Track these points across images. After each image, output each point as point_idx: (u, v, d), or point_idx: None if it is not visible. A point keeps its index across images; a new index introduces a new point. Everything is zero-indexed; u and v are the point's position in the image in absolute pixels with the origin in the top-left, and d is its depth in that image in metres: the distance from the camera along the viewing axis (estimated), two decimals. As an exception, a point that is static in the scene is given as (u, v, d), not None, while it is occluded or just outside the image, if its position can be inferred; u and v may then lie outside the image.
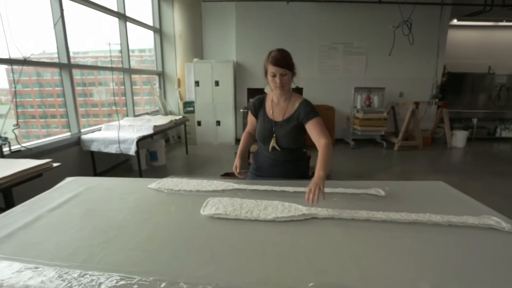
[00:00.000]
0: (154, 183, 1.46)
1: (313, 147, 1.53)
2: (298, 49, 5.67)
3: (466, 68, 6.31)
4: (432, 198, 1.36)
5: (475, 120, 6.17)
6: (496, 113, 6.24)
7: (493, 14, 5.46)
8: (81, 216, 1.15)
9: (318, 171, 1.24)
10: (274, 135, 1.53)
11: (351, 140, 5.62)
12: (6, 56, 2.61)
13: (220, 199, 1.23)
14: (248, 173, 1.73)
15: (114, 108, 3.92)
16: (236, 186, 1.42)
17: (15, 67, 2.86)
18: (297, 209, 1.14)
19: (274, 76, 1.43)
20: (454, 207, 1.25)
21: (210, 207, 1.15)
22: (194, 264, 0.84)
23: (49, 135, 3.60)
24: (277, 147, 1.54)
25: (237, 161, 1.59)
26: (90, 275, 0.77)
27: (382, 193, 1.37)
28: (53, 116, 4.30)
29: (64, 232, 1.03)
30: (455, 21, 5.98)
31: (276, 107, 1.56)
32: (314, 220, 1.11)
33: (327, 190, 1.38)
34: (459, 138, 5.60)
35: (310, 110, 1.48)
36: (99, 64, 4.74)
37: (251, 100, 1.67)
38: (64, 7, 3.26)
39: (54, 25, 3.20)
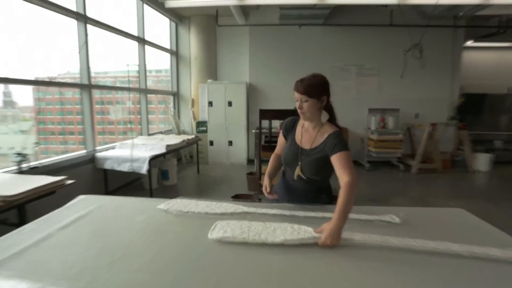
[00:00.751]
0: (163, 204, 1.47)
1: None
2: (310, 71, 5.69)
3: (484, 89, 6.19)
4: (451, 227, 1.31)
5: (497, 142, 5.95)
6: (519, 136, 6.02)
7: (509, 35, 5.41)
8: (90, 235, 1.16)
9: (336, 220, 1.12)
10: (299, 163, 1.48)
11: (366, 162, 5.52)
12: (33, 77, 2.78)
13: (228, 222, 1.22)
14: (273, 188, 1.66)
15: (133, 126, 4.05)
16: (246, 209, 1.41)
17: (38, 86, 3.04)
18: (307, 232, 1.13)
19: (297, 100, 1.41)
20: (475, 237, 1.19)
21: (218, 231, 1.14)
22: (198, 289, 0.83)
23: (66, 151, 3.72)
24: (302, 175, 1.47)
25: (266, 181, 1.53)
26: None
27: (397, 220, 1.33)
28: (71, 133, 4.47)
29: (72, 251, 1.04)
30: (470, 42, 5.96)
31: (305, 133, 1.50)
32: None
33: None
34: (482, 161, 5.39)
35: (337, 142, 1.37)
36: (118, 84, 4.97)
37: (285, 120, 1.62)
38: (88, 33, 3.49)
39: (79, 50, 3.41)
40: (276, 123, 3.74)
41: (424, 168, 5.23)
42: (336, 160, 1.34)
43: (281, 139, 1.63)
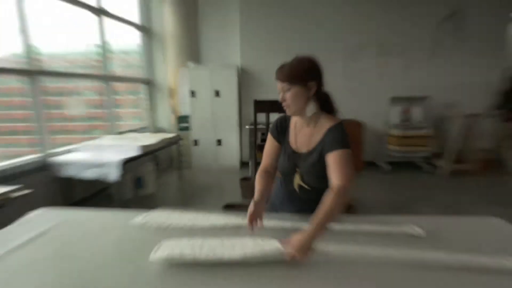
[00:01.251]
0: (140, 217, 1.53)
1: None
2: (318, 51, 5.74)
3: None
4: (481, 238, 1.38)
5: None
6: None
7: None
8: (49, 258, 1.22)
9: (309, 229, 1.13)
10: (298, 170, 1.49)
11: (384, 163, 5.62)
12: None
13: (177, 241, 1.24)
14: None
15: (98, 123, 4.07)
16: (240, 221, 1.47)
17: None
18: (272, 245, 1.16)
19: (279, 92, 1.41)
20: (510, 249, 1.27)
21: (163, 250, 1.15)
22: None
23: (5, 156, 3.71)
24: (304, 185, 1.48)
25: (250, 208, 1.37)
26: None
27: (419, 231, 1.39)
28: (14, 133, 4.44)
29: (26, 279, 1.08)
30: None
31: (300, 133, 1.50)
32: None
33: (348, 227, 1.43)
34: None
35: (337, 138, 1.38)
36: (78, 70, 4.94)
37: (275, 120, 1.59)
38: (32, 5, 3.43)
39: (21, 27, 3.38)
40: (274, 116, 3.80)
41: (459, 170, 5.34)
42: (332, 158, 1.34)
43: (270, 146, 1.58)
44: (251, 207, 1.36)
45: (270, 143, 1.58)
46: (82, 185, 3.94)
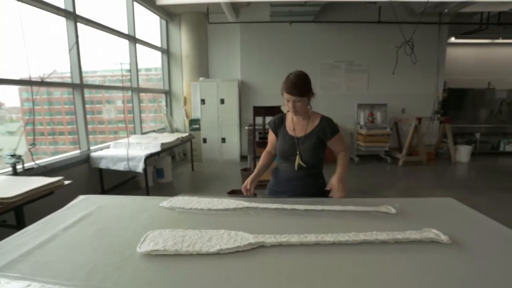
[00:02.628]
0: (166, 202, 1.46)
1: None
2: (301, 67, 5.72)
3: (466, 83, 6.38)
4: (443, 215, 1.35)
5: (478, 135, 6.16)
6: (498, 128, 6.24)
7: (489, 32, 5.57)
8: (95, 235, 1.15)
9: (341, 173, 1.50)
10: (298, 152, 1.55)
11: (355, 156, 5.61)
12: (25, 77, 2.70)
13: (161, 232, 1.11)
14: (266, 190, 1.74)
15: (122, 125, 3.98)
16: (247, 204, 1.42)
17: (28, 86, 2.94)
18: (244, 238, 1.05)
19: (288, 101, 1.50)
20: (465, 223, 1.25)
21: (148, 243, 1.03)
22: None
23: (56, 152, 3.64)
24: (302, 163, 1.55)
25: (255, 178, 1.61)
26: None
27: (393, 210, 1.36)
28: (61, 133, 4.36)
29: (79, 251, 1.03)
30: (453, 39, 6.10)
31: (298, 124, 1.61)
32: (262, 248, 1.02)
33: (337, 208, 1.39)
34: (463, 153, 5.57)
35: (332, 126, 1.57)
36: (107, 83, 4.86)
37: (272, 118, 1.71)
38: (79, 33, 3.39)
39: (70, 50, 3.31)
40: (268, 120, 3.74)
41: (410, 161, 5.36)
42: (335, 142, 1.58)
43: (271, 137, 1.70)
44: (251, 178, 1.60)
45: (271, 135, 1.70)
46: (113, 176, 3.84)
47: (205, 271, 0.90)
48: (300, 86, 1.46)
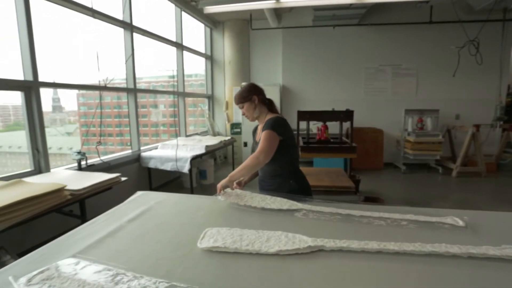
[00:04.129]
0: (220, 195, 1.55)
1: (360, 169, 1.53)
2: (344, 72, 5.64)
3: (535, 88, 5.70)
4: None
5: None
6: None
7: None
8: (157, 229, 1.21)
9: (228, 178, 1.54)
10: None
11: (401, 164, 5.28)
12: (89, 83, 2.99)
13: (218, 230, 1.13)
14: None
15: (171, 128, 4.21)
16: (300, 206, 1.40)
17: (77, 91, 3.23)
18: (302, 241, 1.03)
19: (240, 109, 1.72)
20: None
21: (208, 239, 1.06)
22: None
23: (105, 153, 3.94)
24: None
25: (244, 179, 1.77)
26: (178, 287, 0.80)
27: (461, 223, 1.24)
28: (110, 135, 4.73)
29: (144, 242, 1.09)
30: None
31: (259, 129, 1.74)
32: (321, 252, 1.00)
33: (396, 216, 1.31)
34: (531, 165, 4.95)
35: (267, 124, 1.59)
36: (151, 88, 5.18)
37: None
38: (134, 42, 3.68)
39: (127, 59, 3.60)
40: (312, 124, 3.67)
41: (466, 172, 4.89)
42: (262, 137, 1.58)
43: (253, 143, 1.83)
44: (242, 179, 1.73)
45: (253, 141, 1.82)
46: (159, 175, 4.05)
47: (266, 270, 0.90)
48: (237, 94, 1.68)
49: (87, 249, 1.03)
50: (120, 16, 3.49)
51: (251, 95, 1.67)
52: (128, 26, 3.62)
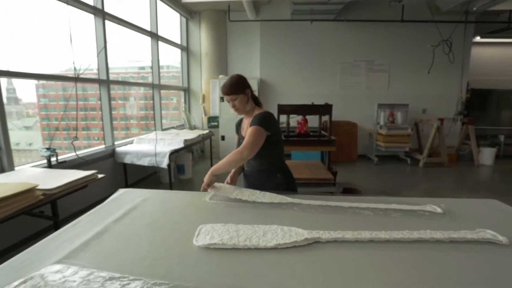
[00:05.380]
0: (210, 189, 1.50)
1: (335, 162, 1.57)
2: (321, 66, 5.75)
3: (490, 84, 6.20)
4: (490, 216, 1.31)
5: (502, 137, 5.97)
6: (523, 130, 6.04)
7: (516, 31, 5.39)
8: (148, 228, 1.16)
9: (210, 171, 1.50)
10: None
11: (374, 156, 5.53)
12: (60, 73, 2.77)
13: (213, 226, 1.12)
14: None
15: (142, 122, 4.04)
16: (290, 200, 1.42)
17: (36, 81, 2.99)
18: (298, 234, 1.05)
19: (228, 102, 1.61)
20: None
21: (204, 236, 1.04)
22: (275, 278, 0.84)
23: (78, 148, 3.70)
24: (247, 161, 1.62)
25: (234, 176, 1.73)
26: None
27: (439, 210, 1.33)
28: (75, 129, 4.45)
29: (136, 243, 1.04)
30: (478, 38, 5.93)
31: (244, 124, 1.71)
32: (318, 244, 1.03)
33: (381, 206, 1.37)
34: (487, 155, 5.41)
35: (255, 119, 1.57)
36: (121, 79, 4.93)
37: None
38: (106, 31, 3.45)
39: (98, 53, 3.38)
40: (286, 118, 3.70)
41: (431, 162, 5.25)
42: (248, 131, 1.56)
43: (236, 138, 1.79)
44: (231, 175, 1.71)
45: (236, 137, 1.79)
46: (135, 170, 3.90)
47: (266, 265, 0.90)
48: (230, 85, 1.57)
49: (73, 253, 0.97)
50: (90, 1, 3.26)
51: (245, 88, 1.61)
52: (100, 13, 3.39)
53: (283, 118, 3.36)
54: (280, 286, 0.80)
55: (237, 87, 1.57)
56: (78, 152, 3.19)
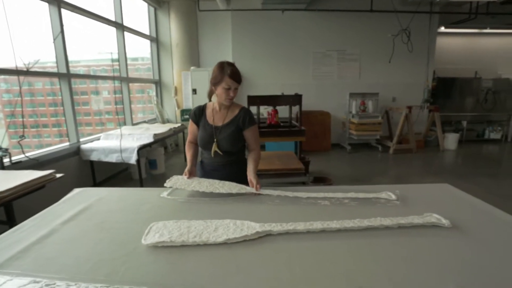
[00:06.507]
0: (166, 181, 1.48)
1: (310, 151, 1.59)
2: (293, 56, 5.75)
3: (454, 73, 6.51)
4: (441, 200, 1.38)
5: (464, 123, 6.31)
6: (484, 116, 6.40)
7: (478, 22, 5.63)
8: (96, 228, 1.11)
9: (254, 168, 1.52)
10: (215, 140, 1.57)
11: (347, 144, 5.67)
12: (9, 67, 2.57)
13: (165, 223, 1.08)
14: None
15: (111, 116, 3.88)
16: (249, 189, 1.41)
17: (8, 77, 2.80)
18: (250, 227, 1.04)
19: (229, 89, 1.50)
20: (461, 207, 1.29)
21: (153, 234, 1.00)
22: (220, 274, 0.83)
23: (41, 145, 3.51)
24: (218, 151, 1.57)
25: (192, 169, 1.59)
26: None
27: (393, 197, 1.38)
28: (45, 126, 4.22)
29: (81, 245, 0.99)
30: (442, 29, 6.15)
31: (217, 114, 1.62)
32: (269, 237, 1.02)
33: (339, 195, 1.40)
34: (451, 140, 5.70)
35: (250, 117, 1.59)
36: (92, 73, 4.68)
37: (191, 109, 1.71)
38: (63, 20, 3.23)
39: (55, 38, 3.16)
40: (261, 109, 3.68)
41: (401, 149, 5.46)
42: (250, 133, 1.59)
43: (192, 127, 1.69)
44: (189, 169, 1.56)
45: (192, 125, 1.68)
46: (104, 168, 3.75)
47: (214, 261, 0.89)
48: (238, 72, 1.52)
49: (8, 261, 0.90)
50: (42, -11, 3.02)
51: None
52: (54, 1, 3.16)
53: (253, 109, 3.33)
54: (224, 282, 0.80)
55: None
56: (39, 151, 3.01)
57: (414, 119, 5.62)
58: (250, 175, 1.49)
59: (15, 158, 2.55)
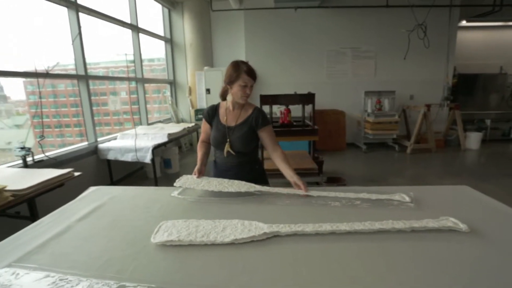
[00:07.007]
0: (176, 181, 1.48)
1: (325, 151, 1.56)
2: (307, 54, 5.69)
3: (477, 69, 6.21)
4: (459, 203, 1.32)
5: (488, 121, 6.02)
6: (509, 114, 6.08)
7: (502, 14, 5.34)
8: (109, 226, 1.15)
9: (297, 176, 1.45)
10: (228, 140, 1.57)
11: (362, 144, 5.55)
12: (30, 70, 2.69)
13: (174, 222, 1.10)
14: None
15: (129, 116, 3.98)
16: (259, 188, 1.42)
17: (32, 79, 2.93)
18: (258, 228, 1.04)
19: (245, 86, 1.49)
20: (481, 211, 1.22)
21: (162, 233, 1.02)
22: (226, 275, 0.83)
23: (63, 144, 3.65)
24: (231, 151, 1.57)
25: (202, 168, 1.59)
26: (127, 287, 0.77)
27: (407, 199, 1.33)
28: (67, 126, 4.38)
29: (94, 242, 1.03)
30: (464, 23, 5.90)
31: (230, 114, 1.61)
32: (277, 238, 1.01)
33: (350, 195, 1.37)
34: (473, 140, 5.46)
35: (263, 117, 1.57)
36: (110, 74, 4.82)
37: (205, 109, 1.71)
38: (81, 23, 3.34)
39: (73, 41, 3.28)
40: (274, 109, 3.66)
41: (419, 148, 5.29)
42: (265, 133, 1.57)
43: (205, 127, 1.70)
44: (198, 168, 1.56)
45: (205, 124, 1.69)
46: (121, 166, 3.86)
47: (220, 261, 0.90)
48: (255, 70, 1.51)
49: (27, 255, 0.95)
50: (62, -6, 3.14)
51: None
52: (72, 5, 3.28)
53: (266, 108, 3.32)
54: (230, 282, 0.80)
55: None
56: (59, 150, 3.14)
57: (433, 117, 5.43)
58: (293, 178, 1.44)
59: (37, 157, 2.67)
